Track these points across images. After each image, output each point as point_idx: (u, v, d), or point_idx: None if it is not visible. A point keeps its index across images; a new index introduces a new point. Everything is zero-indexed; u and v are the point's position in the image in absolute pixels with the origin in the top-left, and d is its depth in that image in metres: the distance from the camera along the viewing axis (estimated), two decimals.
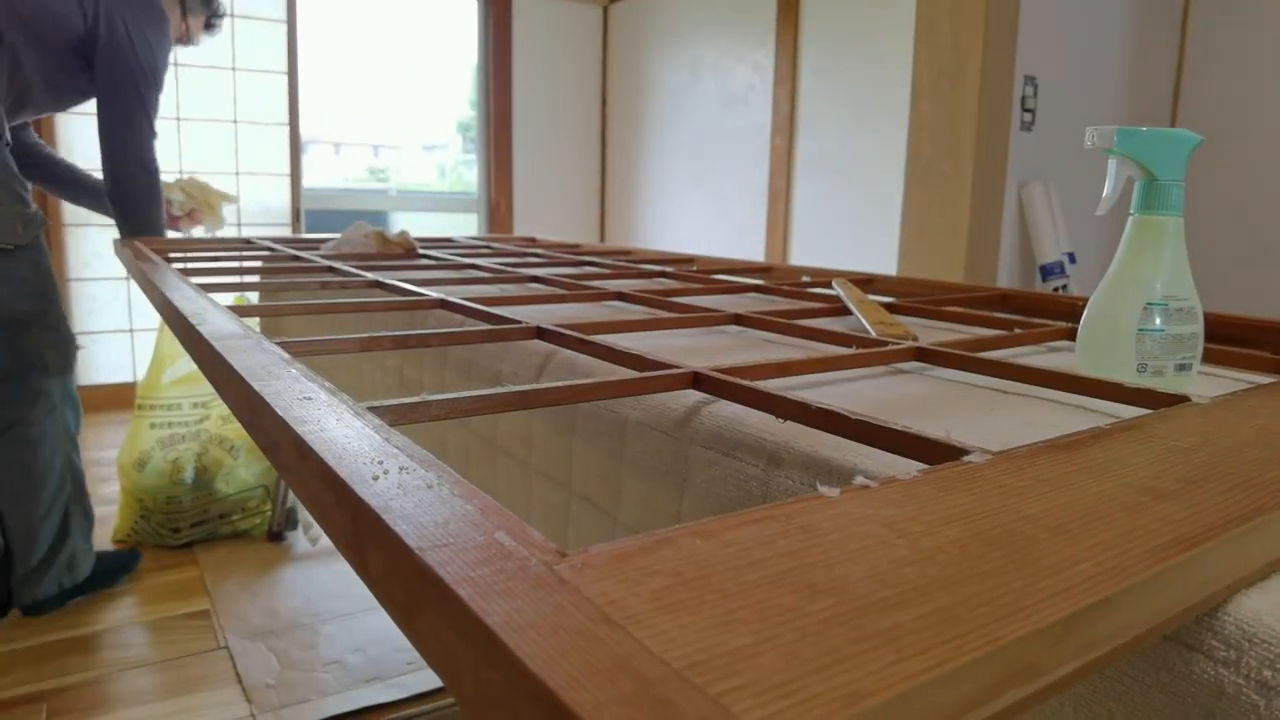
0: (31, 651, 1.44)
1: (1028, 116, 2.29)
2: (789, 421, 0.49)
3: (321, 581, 1.72)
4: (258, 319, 1.63)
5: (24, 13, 1.46)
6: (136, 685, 1.35)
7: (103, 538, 1.78)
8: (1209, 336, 0.83)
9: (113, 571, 1.69)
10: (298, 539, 1.91)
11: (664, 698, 0.17)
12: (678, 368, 0.55)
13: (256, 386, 0.43)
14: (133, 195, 1.57)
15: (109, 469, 2.25)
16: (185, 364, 1.85)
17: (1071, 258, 2.34)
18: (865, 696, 0.18)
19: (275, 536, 1.92)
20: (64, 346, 1.58)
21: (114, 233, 2.29)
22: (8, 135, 1.47)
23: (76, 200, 1.81)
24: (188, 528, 1.85)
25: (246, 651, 1.45)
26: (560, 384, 0.50)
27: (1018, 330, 0.77)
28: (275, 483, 1.94)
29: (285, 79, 3.00)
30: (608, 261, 1.39)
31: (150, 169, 1.59)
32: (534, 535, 0.25)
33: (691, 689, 0.18)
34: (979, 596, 0.23)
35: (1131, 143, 0.57)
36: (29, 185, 1.51)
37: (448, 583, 0.22)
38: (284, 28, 2.98)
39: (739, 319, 0.82)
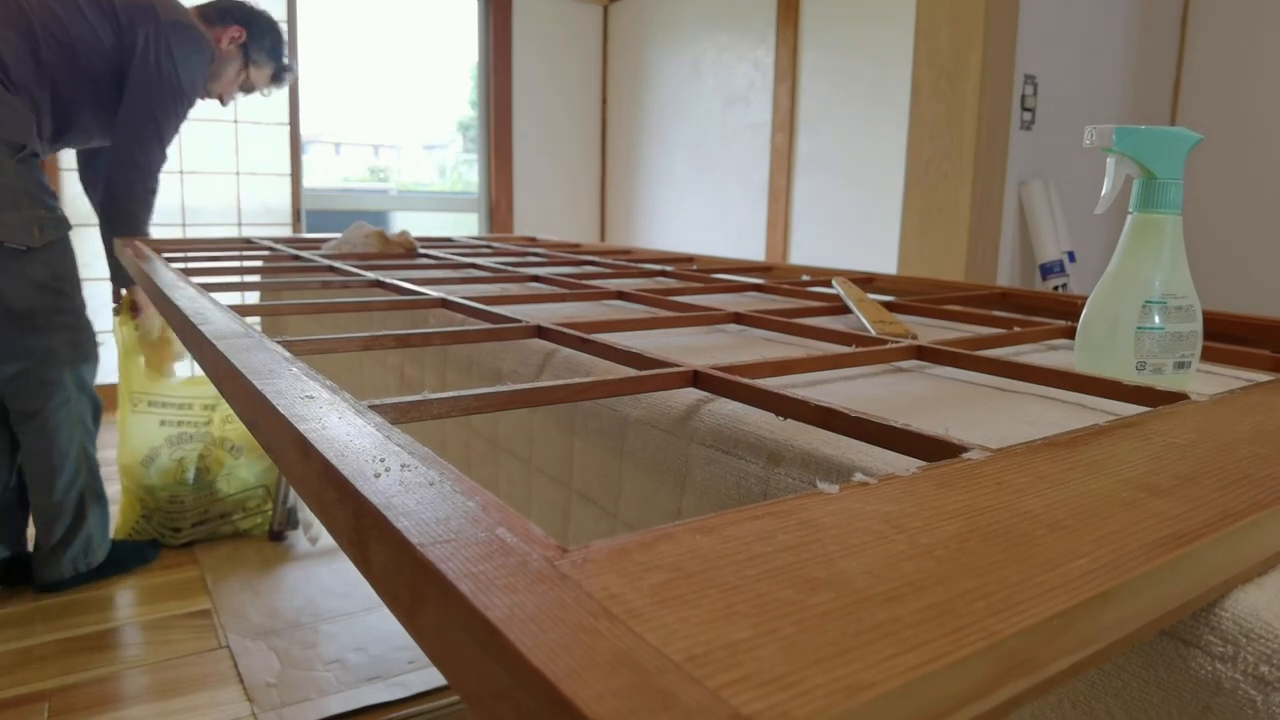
0: (33, 651, 1.45)
1: (1028, 116, 2.29)
2: (789, 419, 0.49)
3: (322, 580, 1.72)
4: (259, 318, 1.63)
5: (60, 35, 1.49)
6: (138, 684, 1.36)
7: None
8: (1208, 335, 0.84)
9: (128, 559, 1.73)
10: (298, 538, 1.92)
11: (664, 689, 0.17)
12: (678, 366, 0.55)
13: (258, 385, 0.43)
14: (125, 211, 1.59)
15: (109, 469, 2.24)
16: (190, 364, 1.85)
17: (1071, 256, 2.34)
18: (864, 689, 0.18)
19: (276, 536, 1.92)
20: (79, 339, 1.60)
21: None
22: (35, 147, 1.50)
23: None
24: (189, 527, 1.85)
25: (247, 651, 1.46)
26: (561, 382, 0.50)
27: (1017, 329, 0.77)
28: (276, 482, 1.94)
29: None
30: (608, 261, 1.39)
31: (151, 189, 1.61)
32: (535, 531, 0.25)
33: (691, 681, 0.18)
34: (976, 591, 0.23)
35: (1130, 141, 0.58)
36: (54, 192, 1.54)
37: (449, 578, 0.22)
38: (284, 28, 2.98)
39: (739, 318, 0.82)
